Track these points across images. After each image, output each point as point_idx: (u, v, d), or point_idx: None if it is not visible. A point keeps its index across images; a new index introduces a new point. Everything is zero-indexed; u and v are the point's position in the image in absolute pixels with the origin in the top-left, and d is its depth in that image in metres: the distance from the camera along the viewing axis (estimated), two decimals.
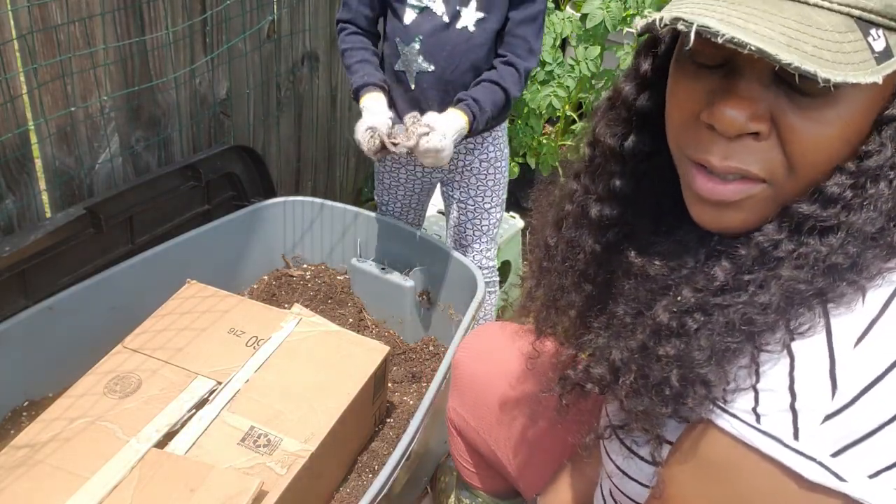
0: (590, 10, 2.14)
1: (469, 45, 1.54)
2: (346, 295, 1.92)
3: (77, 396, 1.30)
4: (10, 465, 1.17)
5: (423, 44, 1.54)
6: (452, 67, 1.55)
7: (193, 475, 1.14)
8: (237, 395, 1.32)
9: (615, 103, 0.77)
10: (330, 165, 2.46)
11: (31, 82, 1.46)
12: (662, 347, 0.65)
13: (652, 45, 0.72)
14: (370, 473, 1.45)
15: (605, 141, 0.77)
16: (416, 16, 1.53)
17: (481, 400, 1.18)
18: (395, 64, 1.59)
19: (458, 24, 1.52)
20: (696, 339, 0.63)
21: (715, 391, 0.62)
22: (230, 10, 1.83)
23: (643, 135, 0.75)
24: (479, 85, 1.54)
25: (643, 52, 0.73)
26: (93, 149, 1.65)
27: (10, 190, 1.50)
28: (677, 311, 0.65)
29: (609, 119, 0.77)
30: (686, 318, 0.64)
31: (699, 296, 0.64)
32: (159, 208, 1.75)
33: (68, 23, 1.47)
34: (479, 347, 1.23)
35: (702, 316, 0.64)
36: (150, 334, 1.44)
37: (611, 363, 0.71)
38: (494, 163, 1.72)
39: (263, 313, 1.53)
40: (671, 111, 0.66)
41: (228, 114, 1.98)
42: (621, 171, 0.77)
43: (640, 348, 0.68)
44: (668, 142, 0.68)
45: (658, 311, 0.67)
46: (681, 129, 0.64)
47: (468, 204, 1.75)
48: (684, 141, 0.64)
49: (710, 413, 0.62)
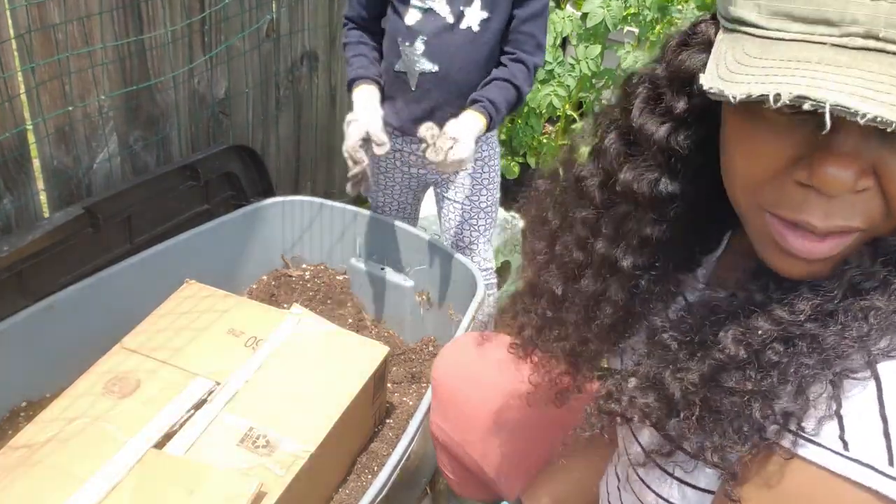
0: (590, 9, 2.14)
1: (473, 45, 1.54)
2: (346, 295, 1.91)
3: (75, 397, 1.29)
4: (8, 465, 1.17)
5: (426, 44, 1.53)
6: (456, 68, 1.55)
7: (192, 476, 1.13)
8: (236, 395, 1.32)
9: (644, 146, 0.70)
10: (329, 165, 2.46)
11: (28, 81, 1.46)
12: (736, 380, 0.62)
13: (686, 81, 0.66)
14: (369, 474, 1.45)
15: (639, 189, 0.70)
16: (420, 16, 1.53)
17: (463, 415, 1.17)
18: (396, 64, 1.58)
19: (462, 25, 1.52)
20: (779, 371, 0.60)
21: (797, 422, 0.59)
22: (229, 10, 1.83)
23: (681, 177, 0.69)
24: (491, 84, 1.54)
25: (674, 89, 0.67)
26: (91, 148, 1.64)
27: (8, 189, 1.50)
28: (752, 343, 0.61)
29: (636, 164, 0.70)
30: (766, 350, 0.61)
31: (780, 327, 0.61)
32: (158, 208, 1.75)
33: (66, 22, 1.47)
34: (458, 361, 1.21)
35: (782, 346, 0.60)
36: (149, 334, 1.43)
37: (667, 396, 0.66)
38: (489, 161, 1.71)
39: (263, 313, 1.52)
40: (743, 165, 0.60)
41: (227, 113, 1.98)
42: (656, 218, 0.71)
43: (704, 381, 0.63)
44: (733, 192, 0.63)
45: (727, 343, 0.62)
46: (760, 184, 0.59)
47: (464, 204, 1.74)
48: (766, 198, 0.59)
49: (791, 444, 0.60)
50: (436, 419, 1.23)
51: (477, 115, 1.50)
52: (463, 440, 1.18)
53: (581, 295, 0.76)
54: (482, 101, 1.52)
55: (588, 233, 0.75)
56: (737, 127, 0.61)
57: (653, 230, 0.71)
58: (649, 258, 0.73)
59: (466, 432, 1.17)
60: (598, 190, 0.74)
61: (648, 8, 2.27)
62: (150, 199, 1.70)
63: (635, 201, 0.71)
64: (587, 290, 0.76)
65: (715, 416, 0.63)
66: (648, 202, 0.70)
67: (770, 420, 0.60)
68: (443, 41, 1.53)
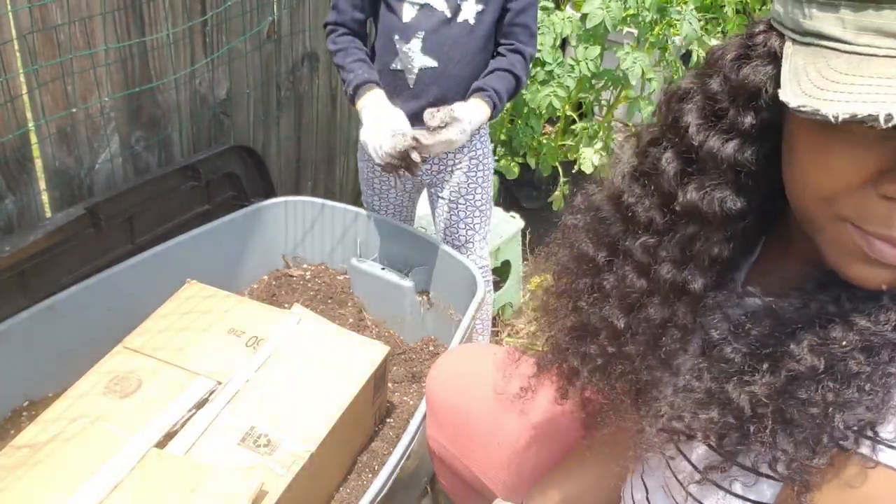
0: (590, 10, 2.14)
1: (469, 39, 1.55)
2: (346, 295, 1.92)
3: (77, 396, 1.30)
4: (9, 465, 1.17)
5: (424, 40, 1.54)
6: (455, 62, 1.56)
7: (193, 475, 1.14)
8: (237, 395, 1.33)
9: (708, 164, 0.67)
10: (330, 165, 2.46)
11: (31, 82, 1.46)
12: (812, 391, 0.61)
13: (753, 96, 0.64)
14: (370, 473, 1.45)
15: (708, 208, 0.67)
16: (417, 12, 1.53)
17: (460, 428, 1.17)
18: (393, 63, 1.58)
19: (459, 18, 1.53)
20: (861, 381, 0.59)
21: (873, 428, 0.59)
22: (230, 11, 1.83)
23: (750, 192, 0.68)
24: (493, 73, 1.56)
25: (738, 104, 0.65)
26: (93, 149, 1.65)
27: (10, 190, 1.50)
28: (832, 354, 0.61)
29: (701, 183, 0.68)
30: (846, 361, 0.60)
31: (860, 337, 0.60)
32: (159, 208, 1.75)
33: (69, 23, 1.47)
34: (452, 374, 1.21)
35: (864, 356, 0.60)
36: (151, 334, 1.44)
37: (734, 410, 0.65)
38: (483, 159, 1.72)
39: (263, 313, 1.53)
40: (818, 177, 0.59)
41: (228, 114, 1.98)
42: (727, 236, 0.69)
43: (776, 393, 0.62)
44: (803, 203, 0.62)
45: (804, 354, 0.61)
46: (836, 196, 0.59)
47: (459, 203, 1.74)
48: (846, 210, 0.59)
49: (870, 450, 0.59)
50: (432, 432, 1.23)
51: (482, 104, 1.52)
52: (461, 452, 1.18)
53: (648, 324, 0.73)
54: (487, 90, 1.53)
55: (650, 259, 0.72)
56: (809, 140, 0.59)
57: (722, 248, 0.69)
58: (718, 276, 0.71)
59: (464, 444, 1.17)
60: (657, 213, 0.71)
61: (647, 9, 2.28)
62: (151, 199, 1.71)
63: (703, 221, 0.68)
64: (655, 317, 0.72)
65: (788, 428, 0.61)
66: (719, 221, 0.68)
67: (850, 429, 0.59)
68: (441, 36, 1.53)
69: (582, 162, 2.39)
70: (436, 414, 1.21)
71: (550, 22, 2.23)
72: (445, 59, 1.55)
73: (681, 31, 2.34)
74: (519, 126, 2.37)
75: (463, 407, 1.16)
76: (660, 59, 2.57)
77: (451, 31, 1.54)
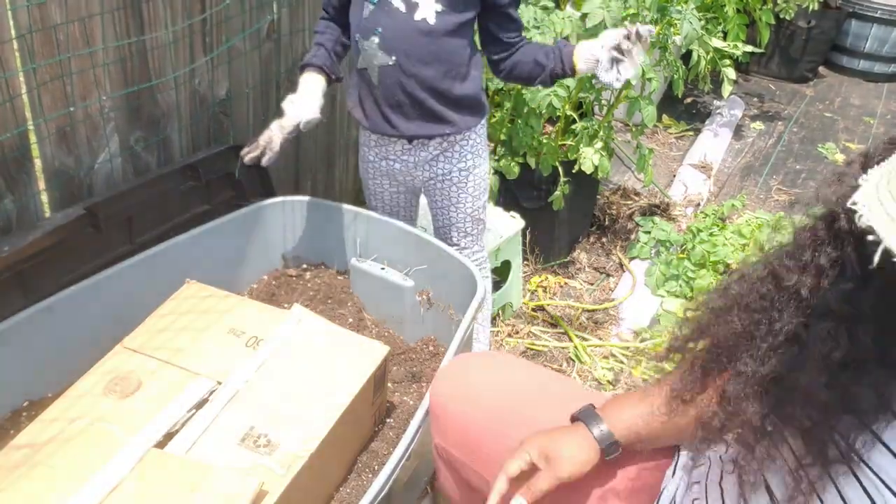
0: (590, 10, 2.14)
1: (430, 38, 1.52)
2: (346, 295, 1.92)
3: (77, 396, 1.30)
4: (9, 465, 1.17)
5: (381, 37, 1.52)
6: (413, 60, 1.53)
7: (193, 475, 1.14)
8: (237, 395, 1.32)
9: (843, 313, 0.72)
10: (329, 165, 2.46)
11: (30, 82, 1.46)
12: None
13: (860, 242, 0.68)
14: (370, 473, 1.45)
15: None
16: (373, 8, 1.52)
17: (469, 436, 1.17)
18: (358, 62, 1.59)
19: (416, 16, 1.51)
20: None
21: None
22: (230, 10, 1.83)
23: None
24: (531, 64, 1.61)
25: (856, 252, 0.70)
26: (92, 148, 1.64)
27: (9, 189, 1.50)
28: None
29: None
30: None
31: None
32: (159, 208, 1.75)
33: (67, 22, 1.47)
34: (457, 383, 1.22)
35: None
36: (150, 334, 1.44)
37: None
38: (473, 170, 1.72)
39: (263, 313, 1.52)
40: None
41: (228, 114, 1.98)
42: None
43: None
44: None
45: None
46: None
47: (450, 211, 1.75)
48: None
49: None
50: (438, 440, 1.24)
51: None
52: (470, 459, 1.18)
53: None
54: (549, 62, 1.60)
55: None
56: None
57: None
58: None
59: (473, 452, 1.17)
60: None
61: (648, 9, 2.28)
62: (150, 199, 1.71)
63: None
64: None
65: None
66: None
67: None
68: (397, 33, 1.52)
69: (582, 162, 2.39)
70: (442, 422, 1.22)
71: (550, 21, 2.22)
72: (403, 57, 1.53)
73: (681, 30, 2.34)
74: (519, 126, 2.37)
75: (470, 414, 1.17)
76: (660, 58, 2.57)
77: (406, 27, 1.51)
